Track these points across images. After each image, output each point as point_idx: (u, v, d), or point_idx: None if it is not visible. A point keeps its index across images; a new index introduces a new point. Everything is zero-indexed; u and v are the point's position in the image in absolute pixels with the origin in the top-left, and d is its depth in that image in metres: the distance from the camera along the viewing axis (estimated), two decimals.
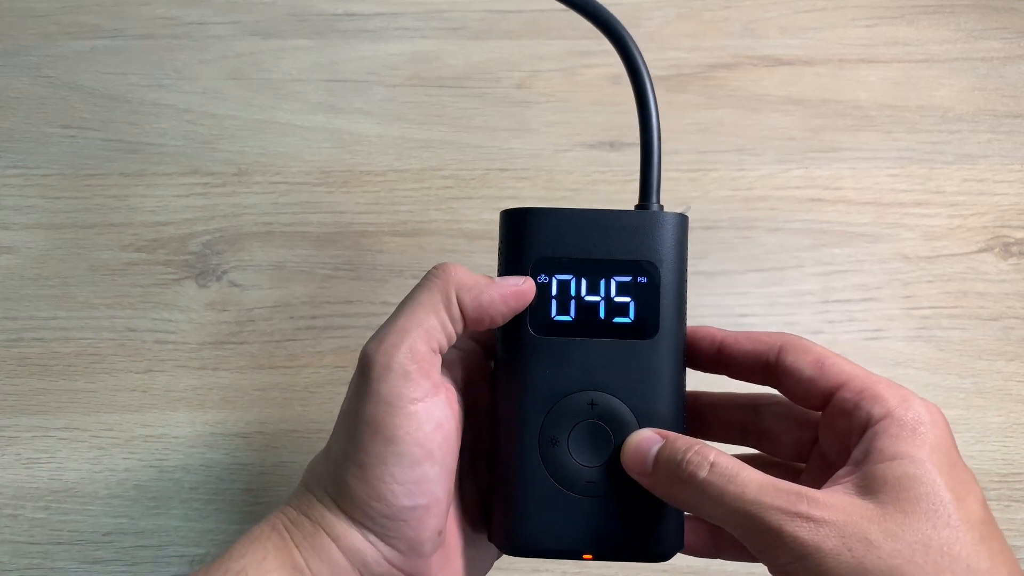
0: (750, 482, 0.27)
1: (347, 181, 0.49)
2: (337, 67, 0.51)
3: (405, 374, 0.29)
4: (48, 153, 0.49)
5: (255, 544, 0.29)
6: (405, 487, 0.29)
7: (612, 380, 0.32)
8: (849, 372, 0.30)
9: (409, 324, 0.30)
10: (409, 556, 0.29)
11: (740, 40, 0.51)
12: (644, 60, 0.34)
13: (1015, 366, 0.47)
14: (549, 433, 0.32)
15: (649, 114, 0.34)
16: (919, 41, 0.51)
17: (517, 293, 0.31)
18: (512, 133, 0.50)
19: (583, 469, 0.32)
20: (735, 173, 0.49)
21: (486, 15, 0.51)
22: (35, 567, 0.45)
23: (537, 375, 0.32)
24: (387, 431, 0.29)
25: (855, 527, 0.26)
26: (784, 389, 0.32)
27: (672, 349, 0.32)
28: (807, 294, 0.48)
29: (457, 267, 0.31)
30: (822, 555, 0.25)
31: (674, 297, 0.32)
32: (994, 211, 0.49)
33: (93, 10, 0.51)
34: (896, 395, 0.29)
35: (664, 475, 0.29)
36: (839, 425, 0.30)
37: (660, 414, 0.32)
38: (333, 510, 0.29)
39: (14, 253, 0.48)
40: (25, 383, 0.47)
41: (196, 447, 0.46)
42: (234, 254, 0.48)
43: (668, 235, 0.32)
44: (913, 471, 0.27)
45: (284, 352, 0.47)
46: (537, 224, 0.32)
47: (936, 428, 0.28)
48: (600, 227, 0.32)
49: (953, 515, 0.26)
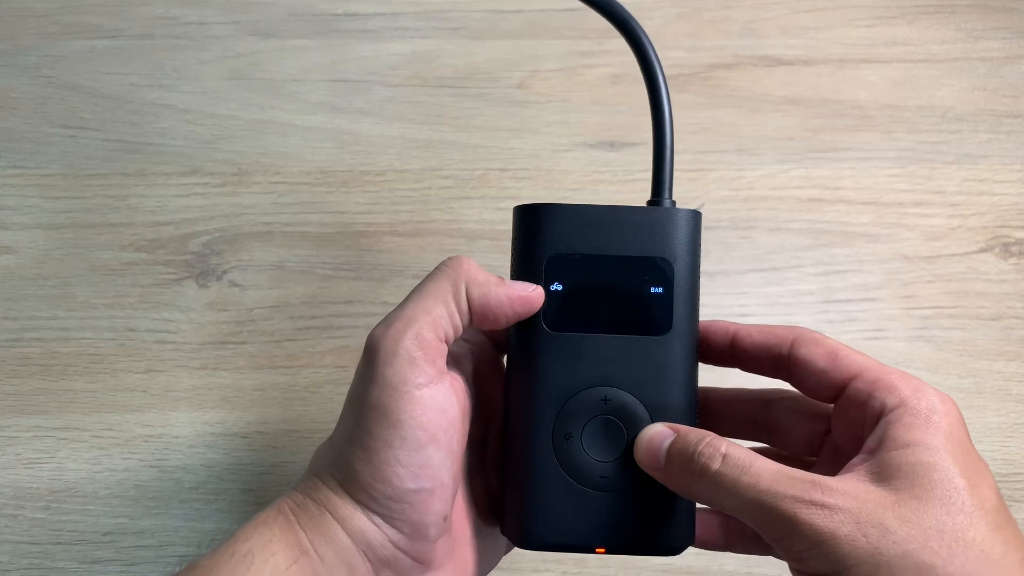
0: (763, 472, 0.27)
1: (347, 181, 0.49)
2: (337, 67, 0.51)
3: (411, 359, 0.29)
4: (48, 153, 0.49)
5: (261, 527, 0.29)
6: (410, 470, 0.29)
7: (625, 376, 0.32)
8: (862, 363, 0.31)
9: (416, 311, 0.30)
10: (414, 539, 0.30)
11: (740, 40, 0.51)
12: (658, 57, 0.34)
13: (1015, 366, 0.47)
14: (563, 428, 0.32)
15: (662, 111, 0.34)
16: (919, 41, 0.51)
17: (525, 299, 0.31)
18: (512, 133, 0.50)
19: (596, 464, 0.32)
20: (735, 173, 0.49)
21: (486, 15, 0.51)
22: (35, 567, 0.45)
23: (551, 371, 0.32)
24: (392, 415, 0.29)
25: (870, 513, 0.26)
26: (796, 382, 0.33)
27: (685, 345, 0.32)
28: (807, 294, 0.48)
29: (470, 261, 0.31)
30: (837, 541, 0.26)
31: (687, 293, 0.32)
32: (994, 211, 0.49)
33: (93, 10, 0.51)
34: (909, 385, 0.29)
35: (677, 468, 0.30)
36: (852, 415, 0.30)
37: (673, 409, 0.32)
38: (339, 493, 0.30)
39: (14, 253, 0.48)
40: (25, 383, 0.47)
41: (196, 447, 0.46)
42: (234, 254, 0.48)
43: (682, 231, 0.32)
44: (927, 458, 0.27)
45: (284, 352, 0.47)
46: (550, 221, 0.32)
47: (949, 417, 0.29)
48: (613, 223, 0.32)
49: (967, 501, 0.26)
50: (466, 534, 0.33)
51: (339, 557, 0.29)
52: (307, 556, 0.29)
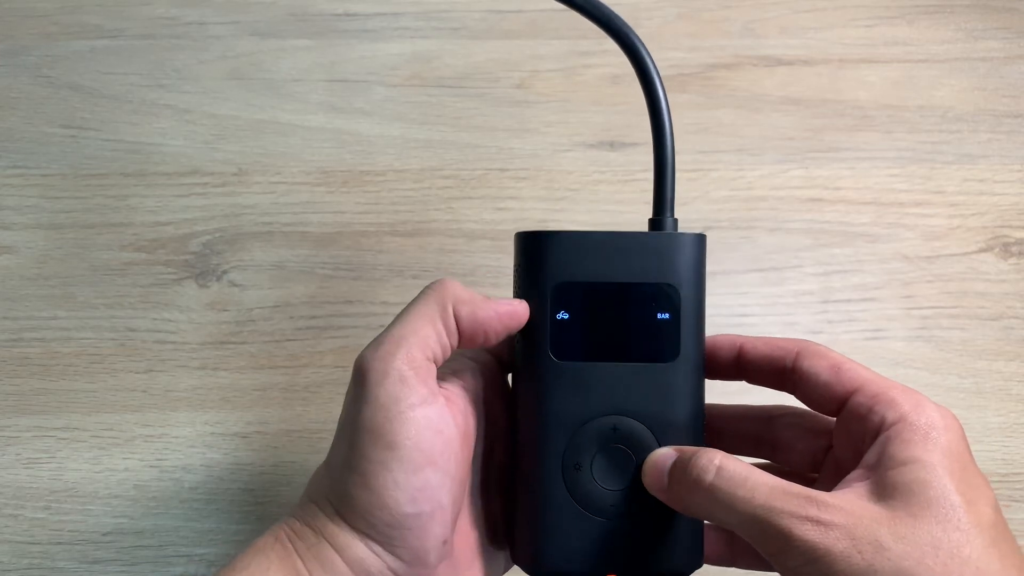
0: (759, 486, 0.27)
1: (347, 181, 0.49)
2: (337, 67, 0.51)
3: (402, 379, 0.29)
4: (48, 153, 0.49)
5: (259, 555, 0.29)
6: (408, 493, 0.28)
7: (634, 404, 0.32)
8: (864, 377, 0.30)
9: (405, 332, 0.30)
10: (414, 566, 0.29)
11: (740, 40, 0.51)
12: (658, 71, 0.33)
13: (1015, 366, 0.47)
14: (572, 459, 0.32)
15: (663, 126, 0.33)
16: (919, 41, 0.51)
17: (511, 312, 0.31)
18: (512, 133, 0.50)
19: (606, 493, 0.32)
20: (735, 173, 0.49)
21: (486, 15, 0.51)
22: (35, 567, 0.45)
23: (559, 401, 0.32)
24: (387, 436, 0.28)
25: (865, 529, 0.26)
26: (800, 394, 0.32)
27: (692, 370, 0.32)
28: (807, 294, 0.48)
29: (454, 282, 0.31)
30: (832, 558, 0.26)
31: (694, 318, 0.32)
32: (994, 211, 0.49)
33: (93, 10, 0.51)
34: (910, 400, 0.29)
35: (675, 484, 0.30)
36: (853, 430, 0.30)
37: (681, 434, 0.32)
38: (336, 520, 0.29)
39: (14, 253, 0.48)
40: (25, 383, 0.47)
41: (196, 447, 0.46)
42: (234, 254, 0.48)
43: (687, 257, 0.32)
44: (924, 476, 0.27)
45: (284, 352, 0.47)
46: (554, 249, 0.32)
47: (949, 433, 0.28)
48: (618, 250, 0.32)
49: (963, 518, 0.26)
50: (467, 557, 0.32)
51: None
52: None
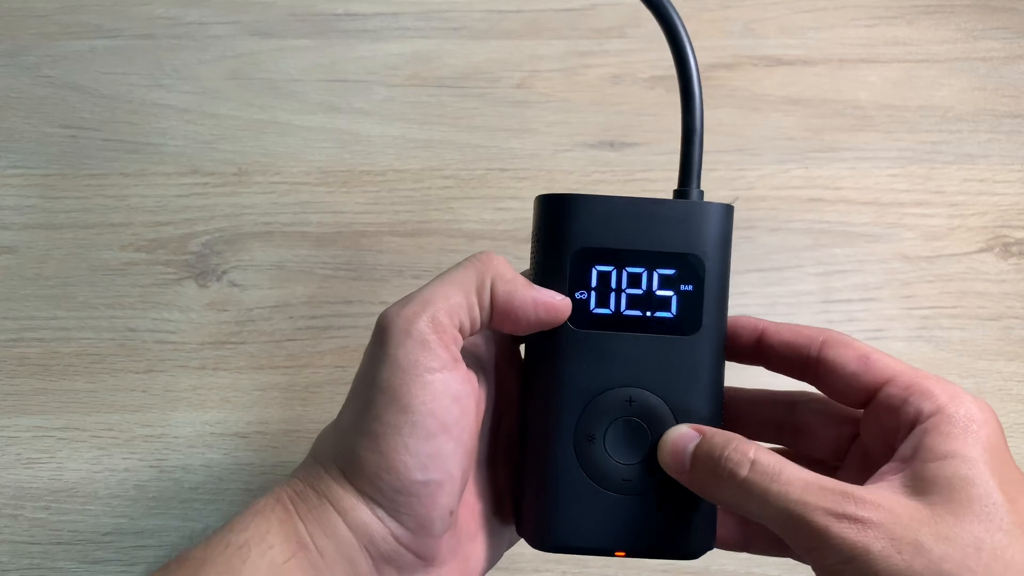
0: (794, 480, 0.26)
1: (347, 181, 0.49)
2: (337, 67, 0.51)
3: (424, 342, 0.28)
4: (48, 153, 0.49)
5: (258, 517, 0.28)
6: (419, 460, 0.27)
7: (651, 377, 0.31)
8: (895, 367, 0.30)
9: (435, 295, 0.29)
10: (418, 534, 0.28)
11: (740, 40, 0.51)
12: (691, 41, 0.32)
13: (1015, 366, 0.47)
14: (585, 430, 0.31)
15: (692, 92, 0.32)
16: (919, 41, 0.51)
17: (551, 306, 0.30)
18: (512, 133, 0.50)
19: (619, 467, 0.31)
20: (735, 173, 0.49)
21: (486, 15, 0.51)
22: (35, 567, 0.45)
23: (575, 370, 0.31)
24: (403, 399, 0.27)
25: (905, 529, 0.25)
26: (824, 385, 0.32)
27: (714, 346, 0.31)
28: (807, 294, 0.48)
29: (500, 258, 0.30)
30: (871, 557, 0.25)
31: (717, 292, 0.31)
32: (994, 211, 0.49)
33: (93, 10, 0.51)
34: (947, 391, 0.28)
35: (702, 472, 0.29)
36: (885, 421, 0.30)
37: (699, 411, 0.31)
38: (341, 482, 0.28)
39: (14, 253, 0.48)
40: (25, 383, 0.47)
41: (196, 447, 0.46)
42: (234, 254, 0.48)
43: (714, 227, 0.31)
44: (965, 471, 0.26)
45: (284, 352, 0.47)
46: (576, 212, 0.31)
47: (988, 427, 0.28)
48: (643, 216, 0.31)
49: (1006, 518, 0.25)
50: (471, 529, 0.32)
51: (339, 551, 0.28)
52: (306, 550, 0.28)
